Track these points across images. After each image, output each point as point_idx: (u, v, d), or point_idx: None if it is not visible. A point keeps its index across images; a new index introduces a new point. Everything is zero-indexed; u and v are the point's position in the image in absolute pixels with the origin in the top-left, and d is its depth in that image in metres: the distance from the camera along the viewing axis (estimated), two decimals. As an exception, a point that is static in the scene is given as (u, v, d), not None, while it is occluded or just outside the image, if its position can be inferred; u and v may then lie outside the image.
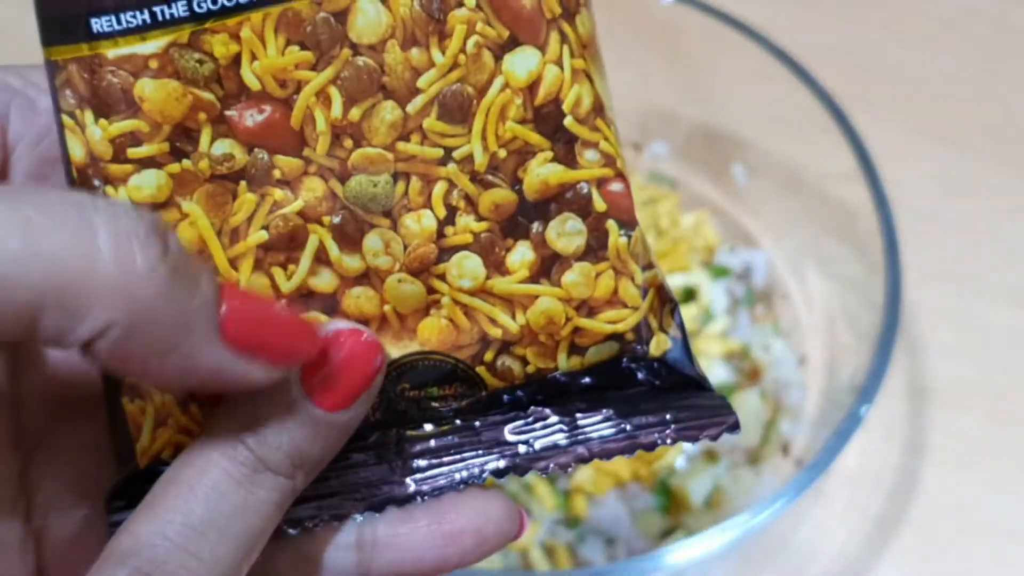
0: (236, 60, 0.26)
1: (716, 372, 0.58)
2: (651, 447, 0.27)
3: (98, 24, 0.25)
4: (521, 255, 0.27)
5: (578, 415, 0.28)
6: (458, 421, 0.28)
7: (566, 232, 0.27)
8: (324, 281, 0.27)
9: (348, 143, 0.26)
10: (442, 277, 0.27)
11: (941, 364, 0.61)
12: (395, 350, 0.27)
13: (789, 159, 0.63)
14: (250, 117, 0.26)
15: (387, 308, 0.27)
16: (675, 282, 0.59)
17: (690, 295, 0.60)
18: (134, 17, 0.25)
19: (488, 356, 0.27)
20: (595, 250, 0.27)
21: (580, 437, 0.27)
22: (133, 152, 0.26)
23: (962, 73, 0.73)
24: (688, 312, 0.59)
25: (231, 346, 0.23)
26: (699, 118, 0.67)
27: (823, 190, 0.61)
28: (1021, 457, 0.58)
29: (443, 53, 0.26)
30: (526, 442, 0.27)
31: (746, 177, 0.66)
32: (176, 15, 0.25)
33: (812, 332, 0.61)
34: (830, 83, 0.58)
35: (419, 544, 0.27)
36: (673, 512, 0.55)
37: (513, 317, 0.27)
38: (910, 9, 0.76)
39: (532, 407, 0.28)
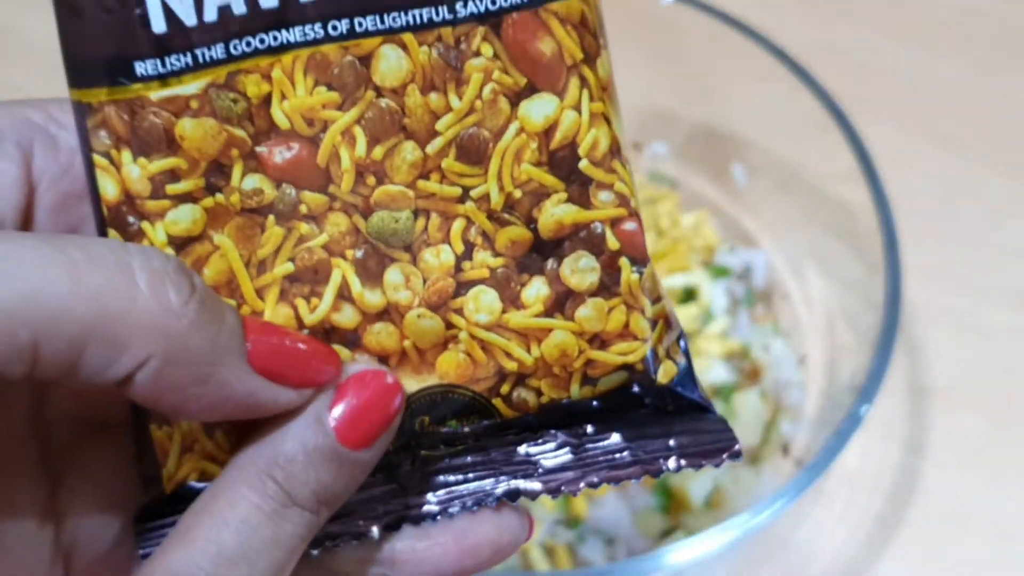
0: (267, 99, 0.27)
1: (716, 372, 0.58)
2: (657, 473, 0.28)
3: (142, 68, 0.26)
4: (536, 290, 0.28)
5: (587, 439, 0.28)
6: (471, 443, 0.28)
7: (580, 269, 0.28)
8: (346, 317, 0.27)
9: (371, 180, 0.27)
10: (459, 311, 0.27)
11: (941, 364, 0.61)
12: (414, 383, 0.28)
13: (789, 159, 0.63)
14: (279, 154, 0.27)
15: (407, 343, 0.28)
16: (675, 282, 0.59)
17: (690, 295, 0.60)
18: (178, 60, 0.26)
19: (504, 389, 0.28)
20: (608, 286, 0.28)
21: (589, 461, 0.28)
22: (172, 188, 0.27)
23: (962, 73, 0.73)
24: (688, 312, 0.59)
25: (261, 371, 0.25)
26: (699, 118, 0.67)
27: (823, 190, 0.61)
28: (1021, 457, 0.59)
29: (460, 99, 0.27)
30: (537, 464, 0.28)
31: (746, 177, 0.66)
32: (215, 57, 0.26)
33: (812, 332, 0.61)
34: (830, 83, 0.58)
35: (438, 558, 0.27)
36: (673, 512, 0.55)
37: (528, 350, 0.28)
38: (910, 9, 0.76)
39: (543, 430, 0.28)
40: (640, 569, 0.45)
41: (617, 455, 0.28)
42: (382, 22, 0.27)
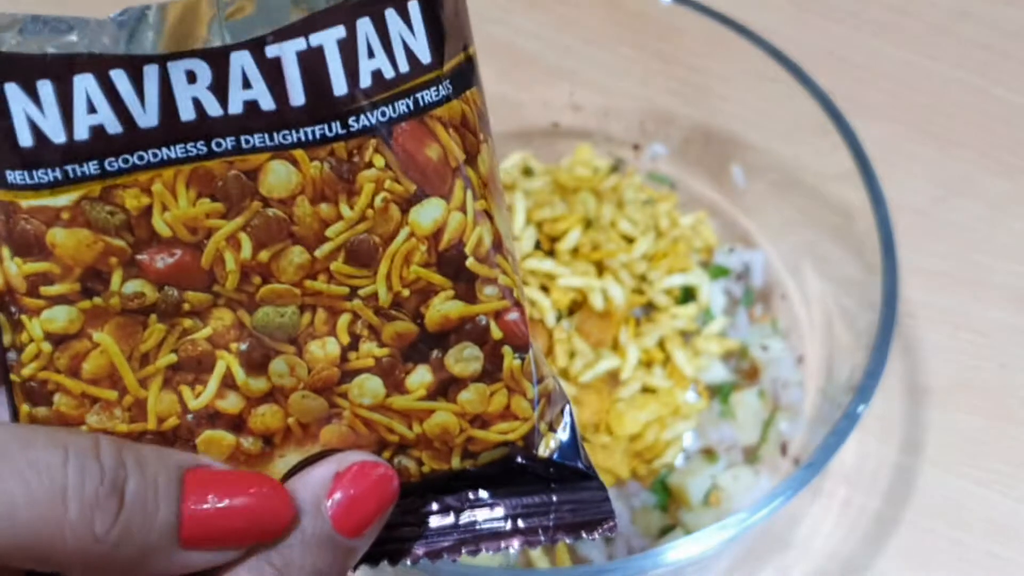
0: (147, 211, 0.27)
1: (715, 371, 0.58)
2: (535, 544, 0.29)
3: (12, 176, 0.26)
4: (420, 377, 0.28)
5: (469, 504, 0.30)
6: None
7: (464, 358, 0.29)
8: (230, 404, 0.28)
9: (256, 280, 0.28)
10: (344, 395, 0.28)
11: (938, 363, 0.62)
12: (298, 455, 0.28)
13: (787, 160, 0.64)
14: (160, 260, 0.27)
15: (291, 420, 0.28)
16: (674, 282, 0.60)
17: (689, 295, 0.60)
18: (45, 174, 0.26)
19: (385, 455, 0.29)
20: (491, 372, 0.29)
21: (471, 528, 0.29)
22: (45, 290, 0.27)
23: (958, 74, 0.73)
24: (687, 312, 0.59)
25: (197, 547, 0.26)
26: (698, 119, 0.67)
27: (821, 191, 0.62)
28: (1017, 455, 0.59)
29: (351, 208, 0.27)
30: (420, 527, 0.29)
31: (744, 178, 0.66)
32: (88, 173, 0.26)
33: (810, 332, 0.61)
34: (828, 84, 0.59)
35: None
36: (672, 510, 0.55)
37: (410, 427, 0.29)
38: (907, 11, 0.76)
39: (428, 493, 0.29)
40: (639, 567, 0.45)
41: (499, 523, 0.29)
42: (271, 139, 0.27)
